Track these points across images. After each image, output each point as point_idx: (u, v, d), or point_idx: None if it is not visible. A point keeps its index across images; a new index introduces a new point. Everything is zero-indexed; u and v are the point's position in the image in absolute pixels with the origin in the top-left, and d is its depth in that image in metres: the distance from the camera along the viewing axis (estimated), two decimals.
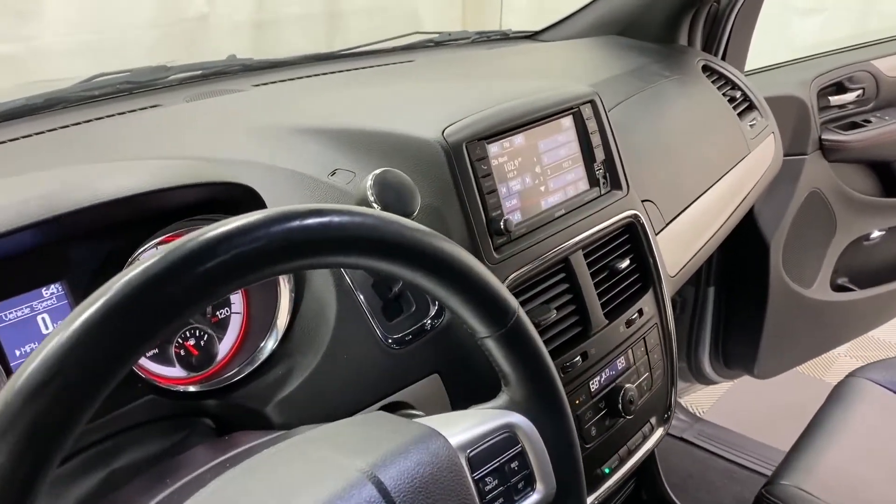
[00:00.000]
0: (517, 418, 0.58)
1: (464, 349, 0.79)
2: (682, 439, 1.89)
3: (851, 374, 1.46)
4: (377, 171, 0.72)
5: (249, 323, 0.77)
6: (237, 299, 0.77)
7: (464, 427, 0.55)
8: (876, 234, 2.18)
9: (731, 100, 1.50)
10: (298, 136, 0.89)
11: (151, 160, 0.83)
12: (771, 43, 2.41)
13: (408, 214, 0.72)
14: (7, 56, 2.03)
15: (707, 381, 2.20)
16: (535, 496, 0.58)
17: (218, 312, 0.75)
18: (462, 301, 0.55)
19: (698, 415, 2.14)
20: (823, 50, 2.03)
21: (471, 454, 0.54)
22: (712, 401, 2.36)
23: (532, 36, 1.77)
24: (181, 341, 0.72)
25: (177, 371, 0.71)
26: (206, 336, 0.73)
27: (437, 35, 1.62)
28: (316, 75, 1.30)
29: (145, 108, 1.04)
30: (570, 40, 1.69)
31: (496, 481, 0.55)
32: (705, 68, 1.54)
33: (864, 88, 1.99)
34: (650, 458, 1.18)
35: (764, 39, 1.94)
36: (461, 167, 0.81)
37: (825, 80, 1.91)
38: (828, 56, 2.04)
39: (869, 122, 1.98)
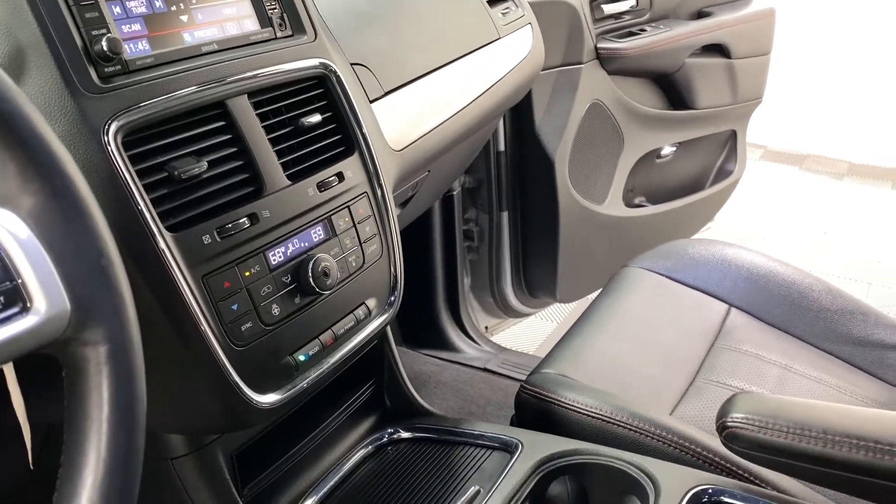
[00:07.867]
0: None
1: None
2: (484, 370, 1.79)
3: (625, 265, 1.39)
4: None
5: None
6: None
7: None
8: (667, 150, 2.17)
9: None
10: None
11: None
12: None
13: None
14: None
15: (516, 315, 2.11)
16: (29, 318, 0.41)
17: None
18: None
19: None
20: None
21: None
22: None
23: None
24: None
25: None
26: None
27: None
28: None
29: None
30: None
31: None
32: None
33: None
34: (385, 356, 1.03)
35: None
36: None
37: None
38: None
39: (644, 30, 1.95)
